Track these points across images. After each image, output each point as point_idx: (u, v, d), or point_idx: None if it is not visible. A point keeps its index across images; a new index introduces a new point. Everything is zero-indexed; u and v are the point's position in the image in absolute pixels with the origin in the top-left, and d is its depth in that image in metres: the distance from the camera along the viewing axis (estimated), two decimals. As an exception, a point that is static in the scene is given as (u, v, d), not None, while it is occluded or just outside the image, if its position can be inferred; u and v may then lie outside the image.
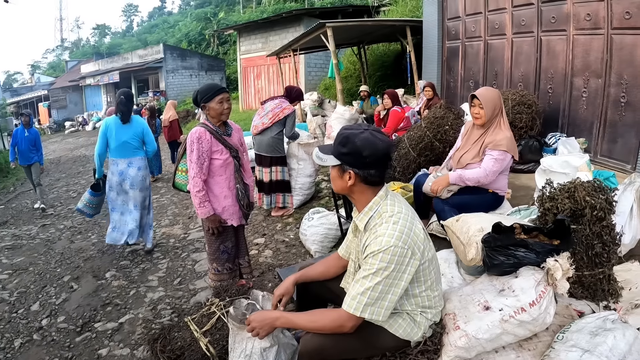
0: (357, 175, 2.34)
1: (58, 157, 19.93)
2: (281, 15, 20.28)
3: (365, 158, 2.29)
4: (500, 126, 4.11)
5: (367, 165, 2.31)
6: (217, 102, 4.00)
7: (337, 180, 2.43)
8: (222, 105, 4.02)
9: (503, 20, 7.79)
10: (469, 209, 3.77)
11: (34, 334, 4.40)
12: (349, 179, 2.36)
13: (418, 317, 2.45)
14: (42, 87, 45.89)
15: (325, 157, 2.40)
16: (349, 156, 2.33)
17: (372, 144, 2.29)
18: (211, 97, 4.00)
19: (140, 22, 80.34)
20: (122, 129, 5.78)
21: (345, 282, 2.75)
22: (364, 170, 2.32)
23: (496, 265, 2.67)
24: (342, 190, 2.45)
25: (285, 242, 5.94)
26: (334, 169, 2.42)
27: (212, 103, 4.00)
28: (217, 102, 4.00)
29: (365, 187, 2.39)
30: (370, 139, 2.30)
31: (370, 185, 2.38)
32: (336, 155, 2.37)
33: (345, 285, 2.72)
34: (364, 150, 2.28)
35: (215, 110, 4.02)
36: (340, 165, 2.37)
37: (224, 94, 4.06)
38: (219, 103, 4.00)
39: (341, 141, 2.35)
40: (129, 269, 5.83)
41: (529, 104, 6.40)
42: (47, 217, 9.02)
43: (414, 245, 2.26)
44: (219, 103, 4.00)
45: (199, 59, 33.99)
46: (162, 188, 10.73)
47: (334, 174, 2.44)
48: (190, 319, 3.34)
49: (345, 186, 2.40)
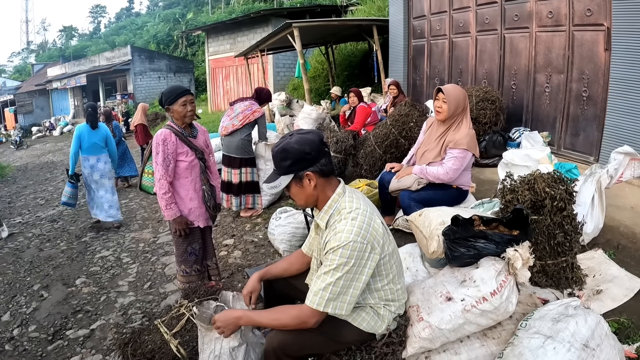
0: (315, 172, 2.37)
1: (25, 164, 19.57)
2: (249, 15, 20.17)
3: (309, 153, 2.34)
4: (462, 124, 4.16)
5: (316, 159, 2.36)
6: (180, 104, 3.96)
7: (301, 193, 2.45)
8: (186, 107, 3.98)
9: (467, 19, 7.90)
10: (434, 203, 3.83)
11: (5, 345, 4.34)
12: (309, 181, 2.38)
13: (382, 310, 2.49)
14: (7, 92, 44.99)
15: (277, 182, 2.42)
16: (297, 164, 2.36)
17: (306, 140, 2.36)
18: (174, 100, 3.97)
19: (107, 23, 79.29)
20: (91, 133, 7.29)
21: (309, 278, 2.78)
22: (315, 165, 2.36)
23: (457, 257, 2.72)
24: (309, 198, 2.46)
25: (254, 242, 5.94)
26: (293, 186, 2.44)
27: (175, 105, 3.97)
28: (180, 104, 3.96)
29: (324, 183, 2.42)
30: (302, 136, 2.38)
31: (327, 176, 2.41)
32: (285, 172, 2.40)
33: (309, 282, 2.74)
34: (305, 148, 2.34)
35: (179, 113, 3.99)
36: (295, 177, 2.40)
37: (187, 96, 4.02)
38: (182, 105, 3.97)
39: (281, 157, 2.38)
40: (99, 274, 5.77)
41: (492, 99, 6.49)
42: (15, 225, 8.84)
43: (373, 240, 2.29)
44: (182, 105, 3.97)
45: (167, 60, 33.68)
46: (130, 192, 10.60)
47: (295, 190, 2.46)
48: (160, 321, 3.31)
49: (310, 192, 2.42)
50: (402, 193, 4.24)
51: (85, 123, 7.34)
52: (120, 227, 7.68)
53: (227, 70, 22.33)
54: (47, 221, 8.79)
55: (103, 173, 7.46)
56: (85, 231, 7.77)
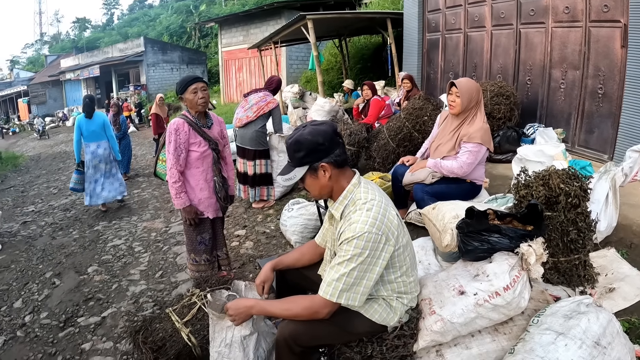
0: (329, 163, 2.36)
1: (38, 154, 19.74)
2: (262, 7, 20.20)
3: (323, 144, 2.34)
4: (476, 118, 4.13)
5: (329, 150, 2.36)
6: (190, 92, 3.95)
7: (316, 184, 2.45)
8: (196, 94, 3.95)
9: (483, 13, 7.85)
10: (447, 197, 3.81)
11: (17, 331, 4.39)
12: (324, 172, 2.38)
13: (394, 302, 2.48)
14: (21, 83, 45.37)
15: (292, 174, 2.42)
16: (310, 154, 2.36)
17: (319, 131, 2.36)
18: (185, 88, 3.97)
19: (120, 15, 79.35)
20: (89, 122, 7.83)
21: (322, 269, 2.78)
22: (330, 156, 2.36)
23: (470, 250, 2.71)
24: (324, 189, 2.46)
25: (265, 233, 5.94)
26: (308, 178, 2.44)
27: (186, 94, 3.97)
28: (190, 92, 3.95)
29: (339, 174, 2.41)
30: (315, 127, 2.38)
31: (341, 167, 2.41)
32: (300, 164, 2.40)
33: (322, 273, 2.74)
34: (318, 139, 2.34)
35: (190, 101, 3.98)
36: (310, 169, 2.40)
37: (197, 83, 3.99)
38: (192, 93, 3.94)
39: (294, 149, 2.38)
40: (111, 263, 5.81)
41: (507, 95, 6.46)
42: (28, 214, 8.93)
43: (387, 231, 2.28)
44: (192, 93, 3.94)
45: (180, 52, 33.80)
46: (143, 182, 10.71)
47: (309, 182, 2.46)
48: (171, 309, 3.33)
49: (325, 183, 2.41)
50: (415, 186, 4.23)
51: (82, 113, 7.93)
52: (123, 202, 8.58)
53: (240, 62, 22.37)
54: (59, 210, 8.90)
55: (102, 159, 7.99)
56: (97, 220, 7.85)
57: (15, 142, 27.63)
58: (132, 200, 9.03)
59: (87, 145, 7.91)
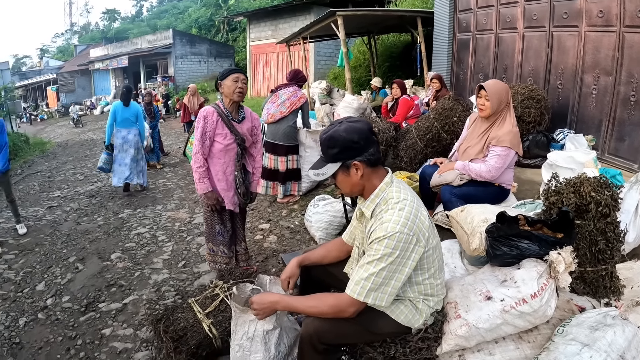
0: (362, 162, 2.35)
1: (65, 141, 20.04)
2: (291, 3, 20.18)
3: (358, 142, 2.32)
4: (505, 121, 4.09)
5: (364, 148, 2.34)
6: (232, 79, 3.99)
7: (347, 182, 2.43)
8: (237, 83, 3.98)
9: (515, 14, 7.75)
10: (475, 200, 3.78)
11: (38, 313, 4.46)
12: (356, 171, 2.37)
13: (420, 304, 2.47)
14: (50, 71, 46.04)
15: (324, 169, 2.41)
16: (344, 152, 2.35)
17: (355, 128, 2.34)
18: (227, 74, 4.03)
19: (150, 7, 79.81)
20: (124, 109, 8.61)
21: (349, 267, 2.77)
22: (363, 154, 2.34)
23: (499, 255, 2.68)
24: (355, 187, 2.45)
25: (290, 228, 5.94)
26: (339, 174, 2.43)
27: (227, 80, 4.00)
28: (232, 79, 3.99)
29: (371, 172, 2.40)
30: (351, 125, 2.36)
31: (374, 166, 2.40)
32: (333, 160, 2.39)
33: (348, 271, 2.74)
34: (353, 137, 2.32)
35: (229, 87, 3.99)
36: (342, 166, 2.38)
37: (241, 74, 4.06)
38: (233, 81, 3.98)
39: (328, 145, 2.38)
40: (134, 250, 5.88)
41: (538, 98, 6.36)
42: (54, 199, 9.08)
43: (418, 232, 2.27)
44: (233, 81, 3.98)
45: (208, 45, 34.04)
46: (168, 172, 10.81)
47: (341, 179, 2.44)
48: (193, 300, 3.37)
49: (357, 181, 2.40)
50: (443, 187, 4.20)
51: (119, 101, 8.75)
52: (144, 190, 9.02)
53: (268, 57, 22.43)
54: (85, 196, 9.03)
55: (132, 143, 8.69)
56: (122, 207, 7.95)
57: (44, 129, 28.06)
58: (157, 189, 9.15)
59: (119, 130, 8.63)
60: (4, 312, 4.55)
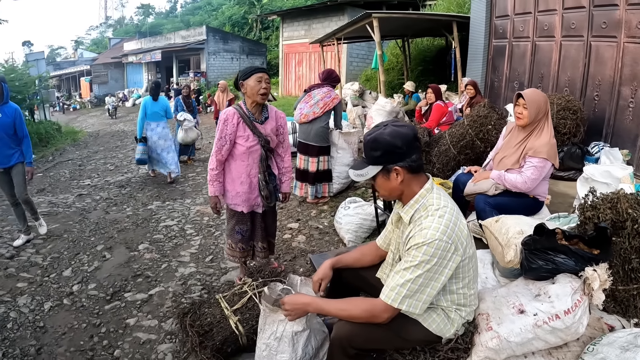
0: (403, 168, 2.34)
1: (97, 131, 20.35)
2: (325, 3, 20.21)
3: (401, 148, 2.31)
4: (543, 131, 4.02)
5: (406, 154, 2.33)
6: (255, 79, 3.85)
7: (386, 185, 2.42)
8: (260, 84, 3.85)
9: (553, 22, 7.65)
10: (509, 211, 3.73)
11: (64, 299, 4.53)
12: (397, 176, 2.36)
13: (452, 313, 2.46)
14: (84, 63, 46.91)
15: (364, 171, 2.40)
16: (386, 155, 2.34)
17: (400, 133, 2.32)
18: (249, 74, 3.88)
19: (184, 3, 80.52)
20: (153, 104, 9.05)
21: (382, 272, 2.77)
22: (405, 160, 2.33)
23: (534, 269, 2.66)
24: (394, 191, 2.43)
25: (319, 228, 5.92)
26: (379, 177, 2.41)
27: (249, 80, 3.87)
28: (255, 79, 3.85)
29: (412, 178, 2.39)
30: (395, 129, 2.34)
31: (415, 172, 2.38)
32: (374, 162, 2.38)
33: (381, 276, 2.74)
34: (397, 142, 2.30)
35: (252, 88, 3.86)
36: (382, 169, 2.38)
37: (263, 73, 3.91)
38: (256, 81, 3.85)
39: (371, 147, 2.36)
40: (162, 242, 5.94)
41: (574, 109, 6.27)
42: (84, 187, 9.25)
43: (457, 241, 2.26)
44: (256, 81, 3.85)
45: (241, 42, 34.23)
46: (198, 167, 10.91)
47: (380, 182, 2.43)
48: (221, 296, 3.39)
49: (396, 186, 2.39)
50: (477, 197, 4.14)
51: (149, 96, 9.19)
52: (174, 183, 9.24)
53: (300, 56, 22.49)
54: (115, 186, 9.20)
55: (161, 135, 9.11)
56: (151, 199, 8.05)
57: (76, 118, 28.53)
58: (187, 183, 9.25)
59: (149, 123, 9.07)
60: (29, 295, 4.63)
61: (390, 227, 2.74)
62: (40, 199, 8.37)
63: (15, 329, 4.01)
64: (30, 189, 8.79)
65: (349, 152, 6.74)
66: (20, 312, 4.28)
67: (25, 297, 4.58)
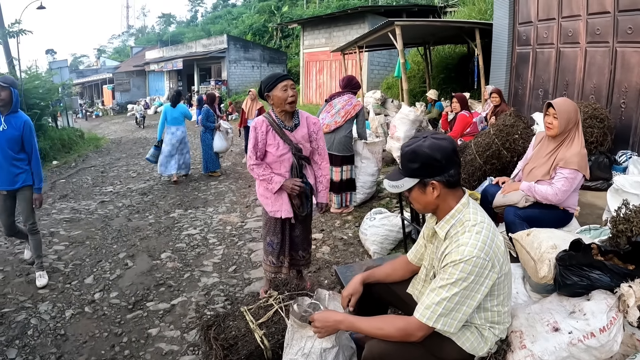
0: (440, 182, 2.29)
1: (119, 138, 20.59)
2: (346, 11, 20.30)
3: (440, 161, 2.26)
4: (573, 141, 3.95)
5: (445, 168, 2.28)
6: (280, 89, 3.79)
7: (421, 199, 2.38)
8: (287, 92, 3.79)
9: (577, 28, 7.54)
10: (538, 223, 3.66)
11: (85, 307, 4.53)
12: (433, 190, 2.31)
13: (486, 331, 2.41)
14: (107, 71, 47.66)
15: (400, 182, 2.36)
16: (424, 168, 2.29)
17: (439, 146, 2.26)
18: (274, 85, 3.81)
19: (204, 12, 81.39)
20: (172, 110, 10.16)
21: (413, 288, 2.72)
22: (443, 174, 2.28)
23: (569, 285, 2.60)
24: (429, 205, 2.39)
25: (343, 239, 5.90)
26: (415, 190, 2.36)
27: (275, 91, 3.81)
28: (280, 89, 3.79)
29: (448, 193, 2.34)
30: (436, 142, 2.28)
31: (452, 187, 2.34)
32: (410, 175, 2.33)
33: (413, 292, 2.70)
34: (436, 155, 2.25)
35: (280, 98, 3.80)
36: (419, 183, 2.33)
37: (288, 80, 3.84)
38: (282, 90, 3.79)
39: (409, 158, 2.31)
40: (185, 251, 5.93)
41: (601, 118, 6.14)
42: (107, 194, 9.32)
43: (494, 257, 2.21)
44: (282, 90, 3.79)
45: (262, 50, 34.52)
46: (220, 175, 10.96)
47: (416, 195, 2.38)
48: (246, 309, 3.34)
49: (431, 200, 2.34)
50: (507, 209, 4.07)
51: (169, 103, 10.35)
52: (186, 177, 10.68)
53: (321, 65, 22.55)
54: (137, 193, 9.27)
55: (178, 139, 10.16)
56: (173, 207, 8.08)
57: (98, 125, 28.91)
58: (209, 191, 9.27)
59: (169, 127, 10.15)
60: (51, 302, 4.63)
61: (422, 241, 2.69)
62: (62, 205, 8.46)
63: (35, 336, 4.02)
64: (53, 194, 8.93)
65: (373, 161, 6.72)
66: (41, 319, 4.28)
67: (46, 303, 4.59)
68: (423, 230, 2.69)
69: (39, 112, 13.94)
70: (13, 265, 5.53)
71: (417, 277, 2.73)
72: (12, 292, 4.83)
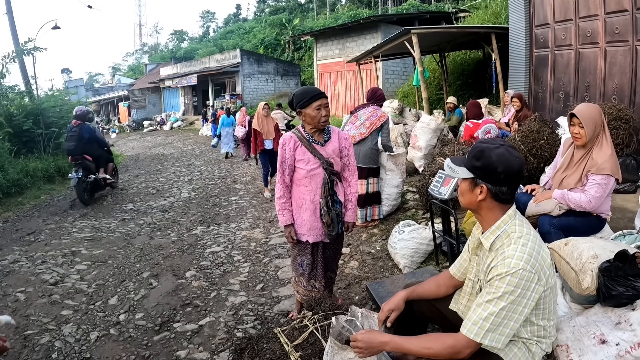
0: (489, 190, 2.27)
1: (137, 154, 20.62)
2: (359, 21, 20.37)
3: (499, 174, 2.24)
4: (602, 145, 3.87)
5: (500, 182, 2.25)
6: (314, 108, 3.67)
7: (467, 194, 2.37)
8: (320, 112, 3.68)
9: (595, 28, 7.47)
10: (573, 231, 3.61)
11: (110, 329, 4.43)
12: (479, 193, 2.30)
13: (533, 346, 2.35)
14: (122, 88, 48.08)
15: (458, 169, 2.36)
16: (482, 170, 2.28)
17: (507, 160, 2.23)
18: (308, 103, 3.69)
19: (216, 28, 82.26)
20: (226, 118, 17.50)
21: (457, 303, 2.67)
22: (496, 186, 2.26)
23: (614, 296, 2.54)
24: (470, 204, 2.38)
25: (371, 253, 5.80)
26: (465, 182, 2.37)
27: (308, 109, 3.70)
28: (314, 108, 3.67)
29: (494, 204, 2.32)
30: (506, 155, 2.24)
31: (500, 202, 2.31)
32: (469, 168, 2.32)
33: (458, 307, 2.65)
34: (498, 166, 2.23)
35: (312, 118, 3.70)
36: (472, 179, 2.33)
37: (323, 99, 3.71)
38: (316, 110, 3.67)
39: (475, 154, 2.30)
40: (210, 270, 5.83)
41: (626, 119, 6.07)
42: (127, 212, 9.27)
43: (540, 270, 2.16)
44: (316, 110, 3.67)
45: (275, 64, 34.75)
46: (240, 190, 10.92)
47: (463, 187, 2.39)
48: (280, 330, 3.27)
49: (474, 200, 2.34)
50: (541, 218, 3.98)
51: (224, 114, 17.79)
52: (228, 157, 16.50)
53: (335, 75, 22.62)
54: (158, 210, 9.17)
55: (227, 133, 17.38)
56: (195, 224, 8.00)
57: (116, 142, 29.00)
58: (230, 207, 9.20)
59: (224, 128, 17.39)
60: (75, 324, 4.53)
61: (467, 255, 2.65)
62: (83, 223, 8.39)
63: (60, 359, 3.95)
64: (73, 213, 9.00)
65: (398, 173, 6.66)
66: (66, 342, 4.18)
67: (70, 325, 4.48)
68: (467, 244, 2.65)
69: (57, 130, 14.11)
70: (35, 285, 5.46)
71: (461, 291, 2.68)
72: (35, 314, 4.73)
